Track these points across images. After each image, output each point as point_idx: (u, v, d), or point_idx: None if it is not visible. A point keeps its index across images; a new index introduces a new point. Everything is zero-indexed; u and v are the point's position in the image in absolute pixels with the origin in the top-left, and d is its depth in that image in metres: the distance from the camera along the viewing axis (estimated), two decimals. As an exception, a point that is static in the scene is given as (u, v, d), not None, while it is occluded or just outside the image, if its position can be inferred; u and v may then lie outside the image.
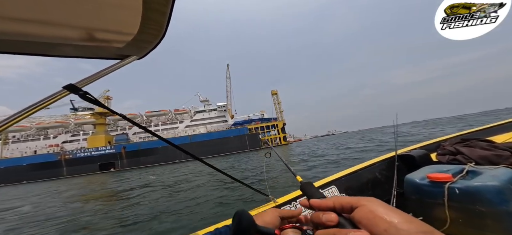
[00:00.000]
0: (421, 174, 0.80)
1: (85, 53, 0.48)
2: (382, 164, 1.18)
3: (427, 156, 1.10)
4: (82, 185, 11.45)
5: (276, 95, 48.91)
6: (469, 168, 0.73)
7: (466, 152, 0.95)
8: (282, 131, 44.96)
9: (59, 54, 0.46)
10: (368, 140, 13.14)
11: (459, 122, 16.96)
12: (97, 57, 0.50)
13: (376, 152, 6.71)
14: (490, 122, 1.72)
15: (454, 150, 1.03)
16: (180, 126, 45.24)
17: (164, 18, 0.42)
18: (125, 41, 0.47)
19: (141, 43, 0.48)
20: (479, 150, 0.94)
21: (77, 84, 0.41)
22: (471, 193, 0.62)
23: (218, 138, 39.51)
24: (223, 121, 47.01)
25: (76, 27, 0.40)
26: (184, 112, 48.50)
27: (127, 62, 0.51)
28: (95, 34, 0.43)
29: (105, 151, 37.04)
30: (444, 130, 10.50)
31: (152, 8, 0.39)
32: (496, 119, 9.87)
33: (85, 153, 36.85)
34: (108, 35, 0.45)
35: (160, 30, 0.45)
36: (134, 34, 0.45)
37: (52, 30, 0.39)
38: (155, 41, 0.49)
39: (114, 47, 0.48)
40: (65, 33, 0.41)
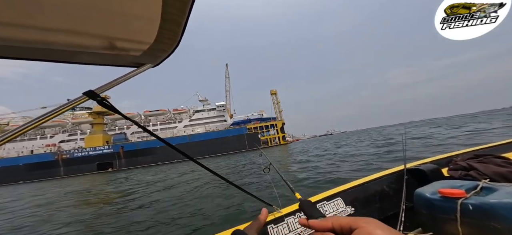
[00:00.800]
0: (432, 189, 0.78)
1: (103, 60, 0.50)
2: (390, 177, 1.16)
3: (438, 171, 1.08)
4: (74, 187, 11.13)
5: (275, 94, 48.89)
6: (484, 185, 0.71)
7: (480, 168, 0.93)
8: (281, 130, 44.96)
9: (79, 61, 0.47)
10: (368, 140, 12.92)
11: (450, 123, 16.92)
12: (115, 64, 0.52)
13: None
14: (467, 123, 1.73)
15: (467, 165, 1.01)
16: (178, 126, 45.04)
17: (179, 28, 0.44)
18: (141, 50, 0.49)
19: (157, 52, 0.50)
20: (494, 167, 0.92)
21: (95, 90, 0.43)
22: (486, 210, 0.62)
23: (217, 137, 39.43)
24: (222, 121, 46.90)
25: (96, 36, 0.42)
26: (183, 112, 48.31)
27: (142, 70, 0.53)
28: (114, 43, 0.45)
29: (103, 151, 36.81)
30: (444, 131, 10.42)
31: (169, 19, 0.41)
32: (488, 119, 9.45)
33: (83, 152, 36.58)
34: (126, 44, 0.46)
35: (175, 40, 0.47)
36: (150, 43, 0.47)
37: (73, 39, 0.41)
38: (169, 50, 0.50)
39: (131, 56, 0.50)
40: (85, 42, 0.42)
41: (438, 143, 6.39)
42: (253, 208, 2.89)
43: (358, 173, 4.23)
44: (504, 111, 37.61)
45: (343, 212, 0.95)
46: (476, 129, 8.57)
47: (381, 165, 4.56)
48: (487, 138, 5.91)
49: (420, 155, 5.21)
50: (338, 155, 7.61)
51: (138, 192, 6.27)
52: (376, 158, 5.60)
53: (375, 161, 5.17)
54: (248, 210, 2.90)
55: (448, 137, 7.49)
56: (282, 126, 45.59)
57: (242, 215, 2.73)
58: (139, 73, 0.53)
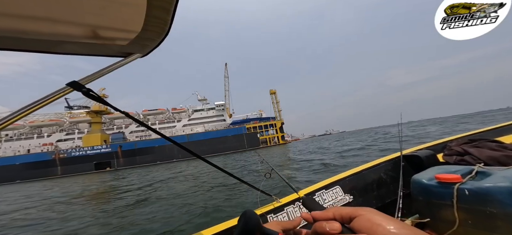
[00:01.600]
0: (429, 175, 0.78)
1: (89, 50, 0.48)
2: (388, 164, 1.15)
3: (433, 157, 1.08)
4: (64, 188, 10.93)
5: (274, 94, 48.82)
6: (479, 169, 0.71)
7: (474, 153, 0.93)
8: (280, 130, 44.95)
9: (62, 52, 0.45)
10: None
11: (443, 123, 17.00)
12: (101, 54, 0.50)
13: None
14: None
15: (462, 150, 1.00)
16: (177, 125, 44.84)
17: (168, 16, 0.41)
18: (128, 39, 0.47)
19: (145, 41, 0.48)
20: (488, 151, 0.91)
21: (80, 81, 0.41)
22: (482, 194, 0.62)
23: (216, 137, 39.33)
24: (221, 120, 46.76)
25: (80, 25, 0.40)
26: (182, 111, 48.09)
27: (130, 60, 0.51)
28: (99, 32, 0.43)
29: (101, 150, 36.52)
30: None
31: (156, 5, 0.39)
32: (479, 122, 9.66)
33: (80, 152, 36.26)
34: (112, 33, 0.45)
35: (163, 28, 0.45)
36: (138, 32, 0.45)
37: (56, 27, 0.39)
38: (158, 39, 0.48)
39: (117, 45, 0.49)
40: (69, 31, 0.41)
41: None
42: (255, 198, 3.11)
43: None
44: (501, 112, 38.16)
45: (341, 200, 0.94)
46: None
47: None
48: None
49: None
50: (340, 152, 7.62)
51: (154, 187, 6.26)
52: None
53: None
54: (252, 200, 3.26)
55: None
56: (281, 125, 45.59)
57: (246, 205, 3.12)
58: (126, 63, 0.51)
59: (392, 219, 0.22)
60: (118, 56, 0.51)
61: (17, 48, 0.41)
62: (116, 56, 0.51)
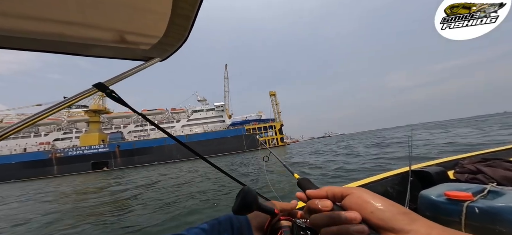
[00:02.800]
0: (438, 191, 0.77)
1: (114, 53, 0.50)
2: (395, 178, 1.15)
3: (444, 174, 1.07)
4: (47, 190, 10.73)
5: (274, 96, 48.86)
6: (491, 188, 0.70)
7: (488, 172, 0.92)
8: (280, 132, 44.89)
9: (90, 54, 0.48)
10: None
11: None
12: (124, 58, 0.52)
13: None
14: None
15: (475, 169, 0.99)
16: (176, 126, 44.64)
17: (188, 23, 0.43)
18: (151, 44, 0.49)
19: (165, 46, 0.50)
20: (503, 171, 0.90)
21: (105, 83, 0.43)
22: (492, 213, 0.62)
23: (216, 138, 39.15)
24: (221, 121, 46.64)
25: (108, 30, 0.42)
26: (181, 111, 47.94)
27: (150, 64, 0.53)
28: (125, 37, 0.45)
29: (98, 150, 36.15)
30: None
31: (180, 13, 0.41)
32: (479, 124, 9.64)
33: (77, 151, 35.87)
34: (136, 38, 0.47)
35: (183, 34, 0.47)
36: (160, 37, 0.47)
37: (87, 31, 0.41)
38: (177, 44, 0.50)
39: (140, 49, 0.51)
40: (98, 35, 0.43)
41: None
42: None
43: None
44: (498, 116, 38.50)
45: None
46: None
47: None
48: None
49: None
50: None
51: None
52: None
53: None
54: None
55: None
56: (281, 127, 45.54)
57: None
58: (147, 67, 0.53)
59: (381, 198, 0.24)
60: (140, 60, 0.53)
61: (49, 50, 0.43)
62: (138, 60, 0.53)
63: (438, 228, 0.21)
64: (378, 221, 0.22)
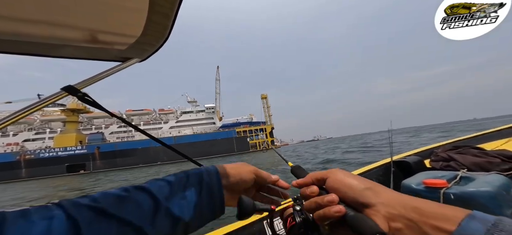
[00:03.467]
0: (417, 180, 0.82)
1: (87, 54, 0.47)
2: (379, 169, 1.21)
3: (421, 163, 1.13)
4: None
5: (265, 99, 49.32)
6: (462, 174, 0.75)
7: (458, 159, 0.98)
8: (270, 135, 45.13)
9: (60, 55, 0.45)
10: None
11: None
12: (99, 58, 0.50)
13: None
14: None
15: (447, 156, 1.06)
16: (164, 127, 42.98)
17: (168, 22, 0.41)
18: (127, 44, 0.47)
19: (144, 45, 0.48)
20: (471, 157, 0.98)
21: (76, 85, 0.40)
22: (466, 199, 0.65)
23: (205, 140, 38.28)
24: (211, 123, 45.82)
25: (79, 29, 0.40)
26: (170, 112, 46.36)
27: (128, 65, 0.51)
28: (98, 36, 0.43)
29: (75, 152, 33.55)
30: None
31: (157, 11, 0.38)
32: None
33: (50, 153, 32.93)
34: (111, 37, 0.44)
35: (163, 33, 0.45)
36: (137, 37, 0.45)
37: (55, 31, 0.39)
38: (157, 44, 0.48)
39: (116, 50, 0.48)
40: (67, 35, 0.40)
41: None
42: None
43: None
44: (469, 122, 42.69)
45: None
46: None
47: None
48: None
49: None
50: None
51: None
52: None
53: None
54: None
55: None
56: (271, 130, 45.85)
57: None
58: (124, 68, 0.50)
59: (354, 176, 0.27)
60: (116, 61, 0.51)
61: (14, 51, 0.39)
62: (114, 61, 0.51)
63: (398, 196, 0.23)
64: (351, 198, 0.25)
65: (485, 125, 22.46)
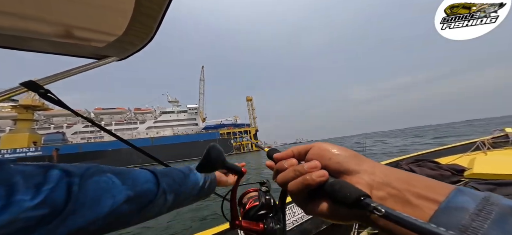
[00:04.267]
0: None
1: (57, 49, 0.45)
2: None
3: None
4: None
5: (251, 101, 49.62)
6: None
7: (417, 171, 1.15)
8: (255, 137, 45.29)
9: (29, 49, 0.43)
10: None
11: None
12: (72, 54, 0.47)
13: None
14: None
15: (409, 169, 1.23)
16: (140, 127, 39.73)
17: (154, 23, 0.40)
18: (105, 41, 0.45)
19: (124, 44, 0.47)
20: (428, 170, 1.13)
21: (39, 81, 0.39)
22: None
23: (186, 142, 36.51)
24: (193, 124, 44.04)
25: (52, 23, 0.38)
26: (147, 112, 43.23)
27: (104, 63, 0.49)
28: (72, 32, 0.41)
29: (27, 154, 28.61)
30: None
31: (144, 12, 0.38)
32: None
33: (-8, 156, 27.46)
34: (87, 34, 0.42)
35: (148, 34, 0.44)
36: (118, 36, 0.43)
37: (24, 24, 0.36)
38: (140, 44, 0.47)
39: (92, 47, 0.46)
40: (38, 28, 0.38)
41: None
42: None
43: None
44: (429, 128, 48.77)
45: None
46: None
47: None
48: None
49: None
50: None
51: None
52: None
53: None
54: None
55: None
56: (256, 132, 46.12)
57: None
58: (99, 66, 0.48)
59: (337, 146, 0.26)
60: (90, 58, 0.48)
61: None
62: (88, 58, 0.48)
63: (380, 166, 0.24)
64: (335, 165, 0.24)
65: (438, 129, 26.15)
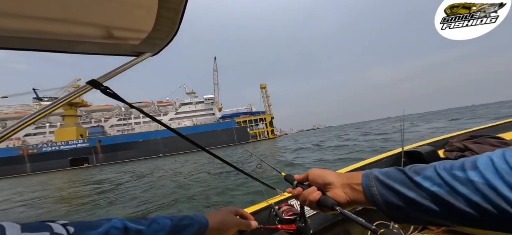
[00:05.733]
0: None
1: (103, 50, 0.50)
2: (389, 160, 1.17)
3: (434, 153, 1.09)
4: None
5: (264, 89, 48.71)
6: None
7: (475, 149, 0.94)
8: (270, 124, 45.34)
9: (78, 51, 0.48)
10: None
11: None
12: (114, 54, 0.52)
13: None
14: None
15: (463, 146, 1.02)
16: (163, 119, 42.91)
17: (177, 16, 0.44)
18: (140, 39, 0.49)
19: (155, 40, 0.50)
20: (489, 147, 0.93)
21: (98, 79, 0.45)
22: None
23: (205, 131, 38.48)
24: (210, 114, 45.77)
25: (95, 25, 0.42)
26: (168, 104, 46.10)
27: (141, 59, 0.54)
28: (112, 32, 0.45)
29: (77, 145, 33.78)
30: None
31: (166, 6, 0.41)
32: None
33: (53, 147, 33.18)
34: (124, 33, 0.47)
35: (173, 27, 0.47)
36: (149, 32, 0.47)
37: (73, 28, 0.41)
38: (168, 38, 0.51)
39: (130, 45, 0.51)
40: (85, 31, 0.43)
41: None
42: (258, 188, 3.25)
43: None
44: (466, 109, 42.68)
45: None
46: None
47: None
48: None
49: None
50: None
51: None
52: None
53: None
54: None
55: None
56: (271, 120, 45.96)
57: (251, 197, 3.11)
58: (139, 62, 0.53)
59: (330, 172, 0.39)
60: (130, 55, 0.53)
61: (34, 48, 0.43)
62: (128, 55, 0.53)
63: (340, 174, 0.37)
64: (321, 184, 0.38)
65: (481, 110, 22.31)
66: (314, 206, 0.37)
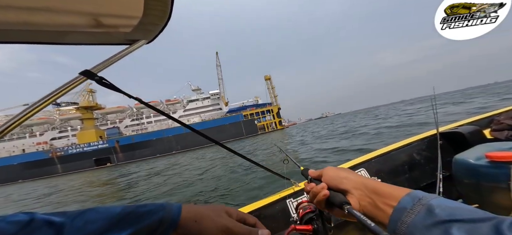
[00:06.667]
0: (476, 154, 0.67)
1: (94, 39, 0.48)
2: (421, 143, 1.02)
3: (479, 133, 0.93)
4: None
5: (269, 80, 48.00)
6: None
7: None
8: (277, 115, 45.28)
9: (68, 42, 0.46)
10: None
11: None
12: (106, 43, 0.50)
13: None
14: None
15: (510, 126, 0.87)
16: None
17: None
18: (131, 26, 0.47)
19: (148, 26, 0.47)
20: None
21: (92, 69, 0.42)
22: None
23: (214, 126, 39.41)
24: (218, 109, 46.44)
25: (82, 13, 0.40)
26: (176, 102, 47.17)
27: (136, 47, 0.51)
28: (101, 20, 0.42)
29: (98, 146, 36.28)
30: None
31: None
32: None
33: (77, 149, 36.02)
34: (114, 20, 0.44)
35: (165, 11, 0.44)
36: (140, 17, 0.45)
37: (58, 18, 0.39)
38: (161, 23, 0.47)
39: (121, 32, 0.48)
40: (72, 20, 0.41)
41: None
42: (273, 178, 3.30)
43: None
44: (489, 86, 38.51)
45: None
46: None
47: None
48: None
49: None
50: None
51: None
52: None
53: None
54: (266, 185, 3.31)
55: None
56: (278, 111, 45.77)
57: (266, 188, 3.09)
58: (133, 50, 0.51)
59: (344, 169, 0.36)
60: (123, 44, 0.51)
61: (21, 41, 0.40)
62: (121, 44, 0.51)
63: (362, 181, 0.32)
64: (334, 186, 0.34)
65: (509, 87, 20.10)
66: (323, 205, 0.35)
